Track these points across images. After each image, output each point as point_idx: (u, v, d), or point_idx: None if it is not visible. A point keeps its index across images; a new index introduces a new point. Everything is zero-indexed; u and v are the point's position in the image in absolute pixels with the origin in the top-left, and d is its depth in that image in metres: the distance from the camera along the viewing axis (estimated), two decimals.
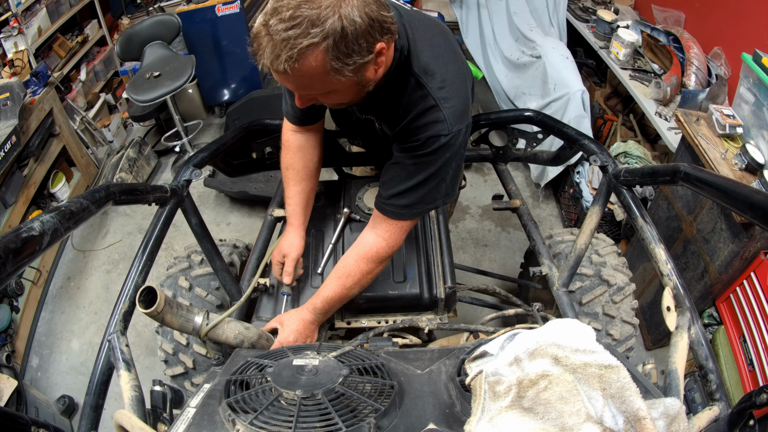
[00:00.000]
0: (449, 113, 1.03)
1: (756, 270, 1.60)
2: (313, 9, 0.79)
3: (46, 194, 2.85)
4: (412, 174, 1.10)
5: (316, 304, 1.23)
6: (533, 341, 0.72)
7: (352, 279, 1.21)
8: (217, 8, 3.23)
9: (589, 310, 1.48)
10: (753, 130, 1.70)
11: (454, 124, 1.04)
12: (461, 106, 1.06)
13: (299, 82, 0.90)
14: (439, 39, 1.10)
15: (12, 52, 2.80)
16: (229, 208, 3.10)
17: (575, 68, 2.66)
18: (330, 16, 0.79)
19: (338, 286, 1.21)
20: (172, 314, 1.03)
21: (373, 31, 0.85)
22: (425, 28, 1.08)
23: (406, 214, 1.16)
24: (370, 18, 0.83)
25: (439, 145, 1.05)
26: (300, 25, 0.79)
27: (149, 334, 2.39)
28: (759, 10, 2.07)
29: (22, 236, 0.68)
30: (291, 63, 0.82)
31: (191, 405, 0.79)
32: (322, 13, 0.79)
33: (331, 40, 0.81)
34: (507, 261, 2.68)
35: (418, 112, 1.04)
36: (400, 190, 1.12)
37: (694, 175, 0.92)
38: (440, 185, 1.13)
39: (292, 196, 1.38)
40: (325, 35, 0.80)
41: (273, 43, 0.81)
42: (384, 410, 0.72)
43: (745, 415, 0.73)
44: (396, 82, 1.03)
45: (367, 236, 1.21)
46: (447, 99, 1.03)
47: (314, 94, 0.96)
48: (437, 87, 1.03)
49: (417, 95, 1.04)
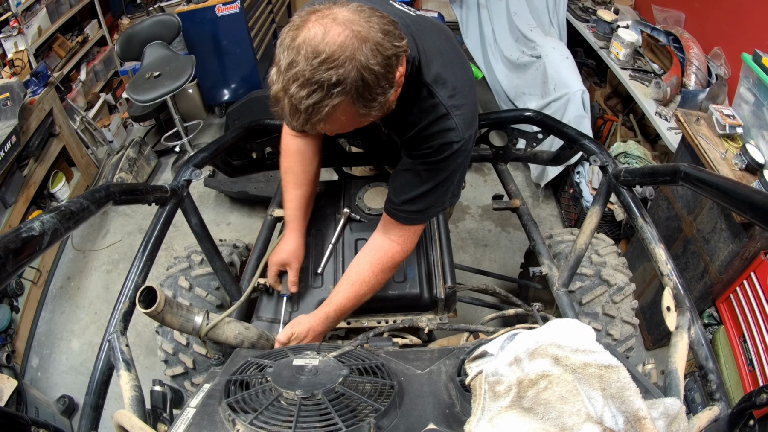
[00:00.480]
0: (460, 120, 1.04)
1: (756, 270, 1.60)
2: (330, 70, 0.77)
3: (46, 194, 2.85)
4: (424, 180, 1.11)
5: (330, 314, 1.20)
6: (533, 341, 0.72)
7: (367, 286, 1.20)
8: (217, 8, 3.23)
9: (589, 310, 1.48)
10: (753, 130, 1.70)
11: (465, 131, 1.05)
12: (471, 112, 1.07)
13: (332, 129, 0.91)
14: (446, 45, 1.11)
15: (12, 52, 2.80)
16: (229, 208, 3.10)
17: (575, 68, 2.66)
18: (349, 72, 0.78)
19: (353, 294, 1.20)
20: (172, 314, 1.03)
21: (391, 68, 0.85)
22: (432, 36, 1.08)
23: (419, 218, 1.18)
24: (386, 58, 0.82)
25: (451, 152, 1.06)
26: (321, 89, 0.78)
27: (149, 334, 2.39)
28: (759, 10, 2.07)
29: (22, 236, 0.68)
30: (322, 124, 0.83)
31: (191, 405, 0.79)
32: (340, 71, 0.77)
33: (355, 93, 0.81)
34: (507, 261, 2.68)
35: (430, 120, 1.05)
36: (413, 196, 1.13)
37: (694, 175, 0.92)
38: (450, 189, 1.15)
39: (291, 200, 1.38)
40: (348, 92, 0.79)
41: (298, 110, 0.81)
42: (384, 410, 0.71)
43: (745, 415, 0.73)
44: (407, 92, 1.03)
45: (381, 242, 1.21)
46: (458, 107, 1.04)
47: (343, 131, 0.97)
48: (448, 96, 1.03)
49: (428, 104, 1.04)
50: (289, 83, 0.79)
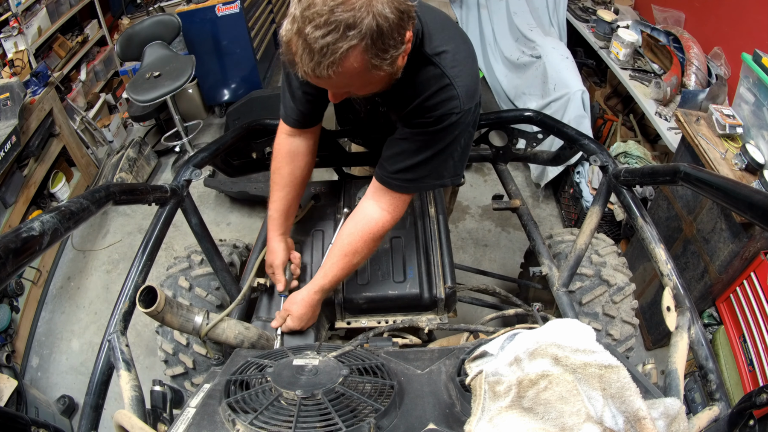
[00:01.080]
0: (463, 91, 1.05)
1: (756, 270, 1.60)
2: (347, 12, 0.79)
3: (46, 194, 2.85)
4: (420, 149, 1.11)
5: (324, 285, 1.23)
6: (533, 341, 0.72)
7: (359, 256, 1.21)
8: (217, 8, 3.23)
9: (589, 310, 1.48)
10: (753, 130, 1.70)
11: (467, 102, 1.06)
12: (473, 84, 1.08)
13: (340, 83, 0.91)
14: (447, 21, 1.13)
15: (12, 52, 2.80)
16: (229, 208, 3.10)
17: (575, 68, 2.66)
18: (365, 17, 0.80)
19: (345, 264, 1.21)
20: (172, 314, 1.03)
21: (403, 22, 0.86)
22: (433, 13, 1.11)
23: (413, 187, 1.17)
24: (399, 11, 0.84)
25: (451, 123, 1.06)
26: (337, 30, 0.79)
27: (149, 334, 2.39)
28: (759, 10, 2.07)
29: (22, 236, 0.68)
30: (334, 68, 0.83)
31: (191, 405, 0.79)
32: (357, 14, 0.79)
33: (369, 40, 0.82)
34: (507, 261, 2.67)
35: (432, 91, 1.05)
36: (407, 165, 1.12)
37: (694, 175, 0.92)
38: (447, 161, 1.14)
39: (274, 201, 1.37)
40: (363, 36, 0.81)
41: (312, 50, 0.81)
42: (384, 410, 0.72)
43: (745, 415, 0.73)
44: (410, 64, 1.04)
45: (371, 210, 1.20)
46: (460, 77, 1.05)
47: (349, 90, 0.99)
48: (450, 65, 1.04)
49: (431, 74, 1.05)
50: (305, 24, 0.80)
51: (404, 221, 1.53)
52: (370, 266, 1.44)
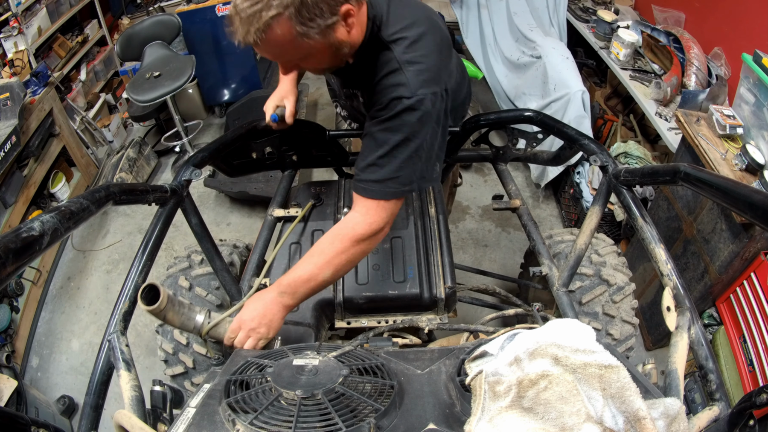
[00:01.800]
0: (411, 76, 1.04)
1: (756, 270, 1.60)
2: None
3: (46, 194, 2.85)
4: (379, 143, 1.08)
5: (281, 282, 1.12)
6: (533, 341, 0.72)
7: (323, 257, 1.11)
8: (217, 8, 3.23)
9: (589, 309, 1.48)
10: (753, 131, 1.70)
11: (418, 88, 1.03)
12: (429, 72, 1.06)
13: (273, 50, 0.98)
14: (420, 12, 1.13)
15: (12, 52, 2.80)
16: (229, 208, 3.10)
17: (575, 68, 2.66)
18: None
19: (308, 264, 1.11)
20: (173, 312, 1.03)
21: None
22: (412, 8, 1.13)
23: (378, 192, 1.09)
24: None
25: (402, 108, 1.04)
26: (262, 0, 0.88)
27: (149, 334, 2.39)
28: (759, 10, 2.07)
29: (22, 236, 0.68)
30: (260, 34, 0.91)
31: (191, 405, 0.79)
32: None
33: (293, 9, 0.89)
34: (507, 261, 2.68)
35: (382, 75, 1.07)
36: (369, 162, 1.10)
37: (694, 175, 0.92)
38: (413, 162, 1.08)
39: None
40: (286, 5, 0.88)
41: (241, 20, 0.91)
42: (384, 410, 0.71)
43: (745, 415, 0.73)
44: (368, 50, 1.09)
45: (348, 215, 1.17)
46: (411, 63, 1.05)
47: (291, 60, 1.03)
48: (402, 51, 1.06)
49: (384, 59, 1.07)
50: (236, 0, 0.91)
51: (404, 221, 1.53)
52: (370, 266, 1.44)
